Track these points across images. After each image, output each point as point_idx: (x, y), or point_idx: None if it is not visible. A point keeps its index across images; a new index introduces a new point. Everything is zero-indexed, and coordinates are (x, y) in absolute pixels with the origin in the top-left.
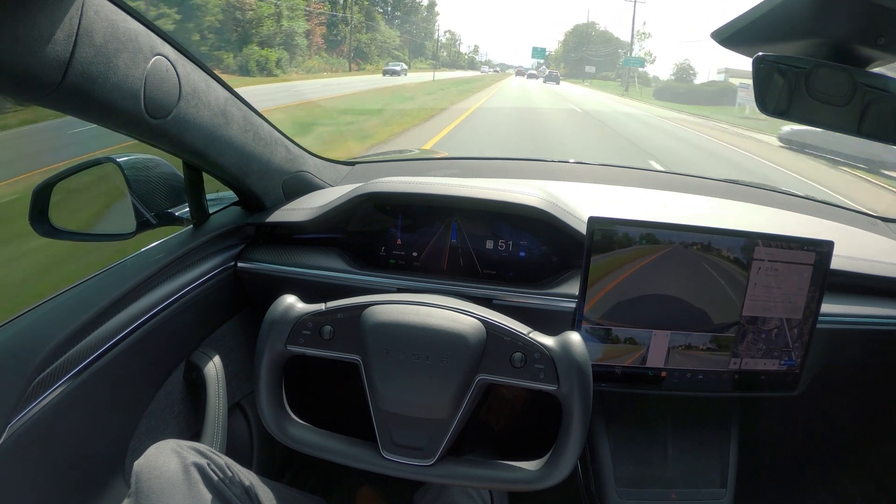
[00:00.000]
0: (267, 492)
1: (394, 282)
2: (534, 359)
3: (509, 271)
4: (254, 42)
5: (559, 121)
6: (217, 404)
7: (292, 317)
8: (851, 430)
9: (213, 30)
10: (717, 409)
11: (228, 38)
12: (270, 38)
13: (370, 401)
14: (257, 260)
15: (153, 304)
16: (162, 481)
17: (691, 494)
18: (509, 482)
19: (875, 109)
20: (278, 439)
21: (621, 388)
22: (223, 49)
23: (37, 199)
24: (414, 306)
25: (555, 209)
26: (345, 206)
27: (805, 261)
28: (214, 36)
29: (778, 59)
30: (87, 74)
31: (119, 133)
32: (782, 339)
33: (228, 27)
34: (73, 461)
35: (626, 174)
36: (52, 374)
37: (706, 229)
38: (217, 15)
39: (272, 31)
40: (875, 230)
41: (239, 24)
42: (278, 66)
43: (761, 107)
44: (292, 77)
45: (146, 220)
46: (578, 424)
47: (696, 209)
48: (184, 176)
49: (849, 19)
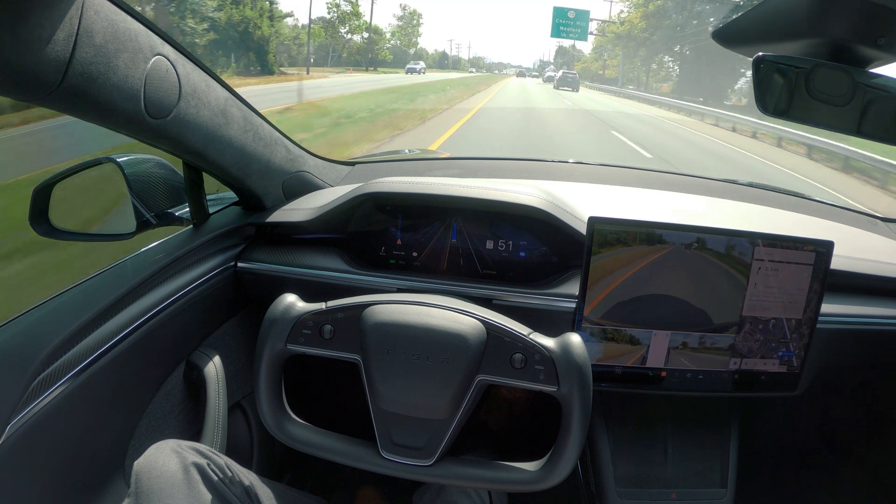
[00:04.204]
0: (267, 492)
1: (394, 282)
2: (534, 360)
3: (509, 271)
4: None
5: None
6: (217, 404)
7: (293, 316)
8: (851, 430)
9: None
10: (717, 409)
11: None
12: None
13: (370, 401)
14: (257, 260)
15: (153, 304)
16: (162, 481)
17: (691, 494)
18: (509, 483)
19: (875, 109)
20: (278, 438)
21: (621, 388)
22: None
23: (37, 199)
24: (414, 306)
25: (555, 209)
26: (345, 206)
27: (805, 261)
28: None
29: (778, 59)
30: (87, 74)
31: (119, 133)
32: (782, 339)
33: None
34: (73, 461)
35: (626, 174)
36: (52, 374)
37: (706, 229)
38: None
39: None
40: (875, 230)
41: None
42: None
43: (761, 107)
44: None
45: (146, 220)
46: (578, 425)
47: (697, 209)
48: (184, 176)
49: (849, 19)
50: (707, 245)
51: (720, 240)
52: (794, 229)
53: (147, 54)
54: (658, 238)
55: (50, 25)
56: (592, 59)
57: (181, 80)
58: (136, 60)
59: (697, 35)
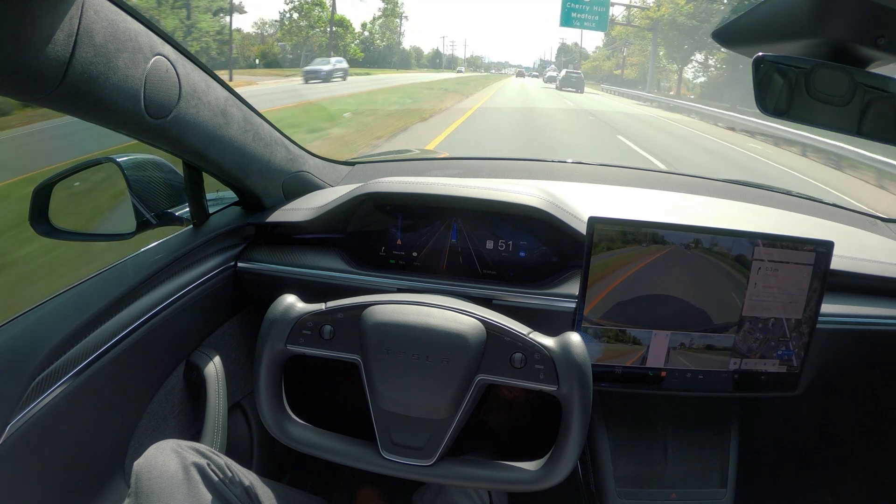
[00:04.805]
0: (267, 492)
1: (394, 282)
2: (534, 359)
3: (509, 271)
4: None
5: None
6: (217, 404)
7: (292, 316)
8: (851, 430)
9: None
10: (717, 409)
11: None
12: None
13: (370, 401)
14: (257, 260)
15: (153, 303)
16: (162, 481)
17: (691, 494)
18: (509, 482)
19: (875, 109)
20: (278, 439)
21: (621, 388)
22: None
23: (37, 199)
24: (414, 306)
25: (555, 209)
26: (345, 206)
27: (805, 261)
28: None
29: (778, 59)
30: (87, 74)
31: (119, 133)
32: (782, 339)
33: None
34: (73, 461)
35: (625, 174)
36: (52, 374)
37: (706, 229)
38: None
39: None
40: (875, 230)
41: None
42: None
43: (761, 107)
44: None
45: (146, 220)
46: (578, 425)
47: (696, 209)
48: (184, 176)
49: (849, 19)
50: (707, 245)
51: (720, 240)
52: (794, 229)
53: (147, 54)
54: (658, 238)
55: (50, 25)
56: (604, 57)
57: (181, 80)
58: (136, 60)
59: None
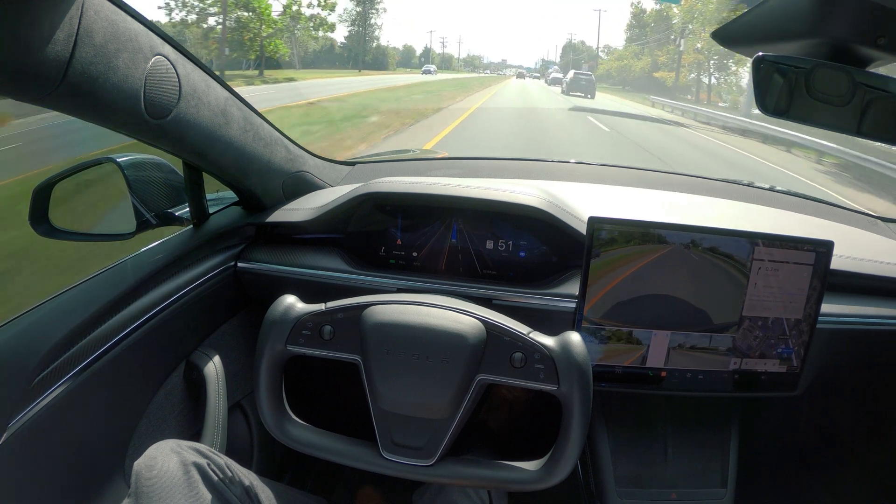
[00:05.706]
0: (267, 492)
1: (394, 282)
2: (534, 359)
3: (509, 271)
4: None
5: None
6: (217, 404)
7: (292, 317)
8: (851, 430)
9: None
10: (717, 409)
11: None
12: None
13: (370, 401)
14: (257, 260)
15: (153, 303)
16: (162, 481)
17: (691, 494)
18: (509, 482)
19: (875, 109)
20: (278, 439)
21: (621, 388)
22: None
23: (37, 199)
24: (414, 306)
25: (555, 209)
26: (345, 206)
27: (805, 261)
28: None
29: (778, 59)
30: (87, 74)
31: (119, 133)
32: (782, 339)
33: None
34: (73, 461)
35: (626, 174)
36: (52, 374)
37: (706, 229)
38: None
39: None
40: (875, 230)
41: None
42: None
43: (761, 107)
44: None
45: (146, 220)
46: (578, 424)
47: (696, 209)
48: (184, 176)
49: (849, 19)
50: (707, 245)
51: (720, 240)
52: (794, 229)
53: (147, 54)
54: (658, 238)
55: (50, 25)
56: (633, 55)
57: (181, 80)
58: (136, 60)
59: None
